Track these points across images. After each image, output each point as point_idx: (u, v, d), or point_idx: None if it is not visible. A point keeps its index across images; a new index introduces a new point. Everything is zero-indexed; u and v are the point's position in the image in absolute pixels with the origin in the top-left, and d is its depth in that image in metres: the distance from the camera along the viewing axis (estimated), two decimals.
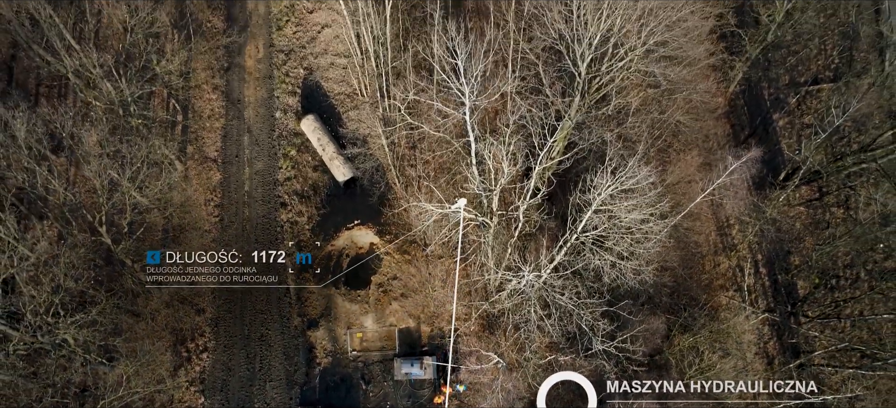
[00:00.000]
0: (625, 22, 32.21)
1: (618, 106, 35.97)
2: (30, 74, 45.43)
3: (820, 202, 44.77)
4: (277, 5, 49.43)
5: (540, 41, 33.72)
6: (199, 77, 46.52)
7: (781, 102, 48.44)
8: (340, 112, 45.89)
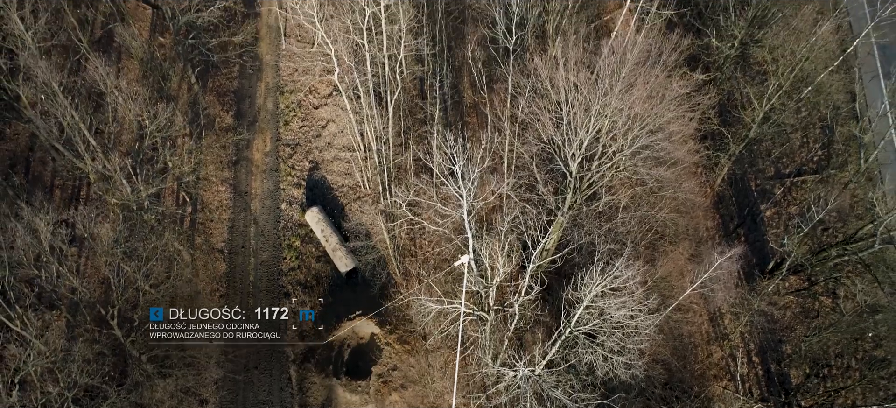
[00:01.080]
0: (612, 125, 35.22)
1: (608, 203, 38.62)
2: (46, 166, 48.49)
3: (808, 292, 46.80)
4: (285, 100, 52.91)
5: (532, 145, 36.64)
6: (208, 169, 49.42)
7: (768, 193, 51.22)
8: (344, 204, 48.55)
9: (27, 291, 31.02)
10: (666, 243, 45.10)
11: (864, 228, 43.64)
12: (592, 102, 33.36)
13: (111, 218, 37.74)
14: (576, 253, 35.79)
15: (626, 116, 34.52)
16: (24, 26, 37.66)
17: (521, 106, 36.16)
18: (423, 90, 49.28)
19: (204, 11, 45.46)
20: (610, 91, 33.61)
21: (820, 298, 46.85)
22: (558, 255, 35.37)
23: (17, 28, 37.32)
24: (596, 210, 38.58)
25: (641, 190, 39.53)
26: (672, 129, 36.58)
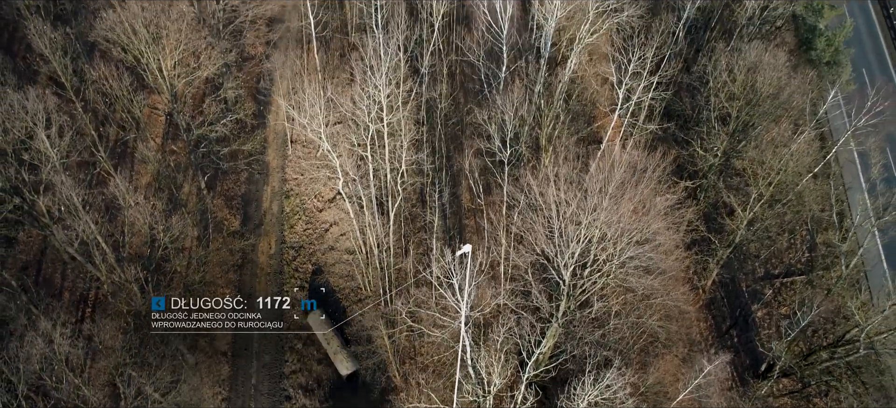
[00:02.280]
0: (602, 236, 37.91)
1: (600, 309, 40.84)
2: (57, 269, 50.95)
3: (801, 394, 48.33)
4: (290, 204, 55.92)
5: (527, 256, 39.25)
6: (214, 272, 51.82)
7: (758, 294, 53.51)
8: (345, 306, 50.72)
9: (42, 405, 32.79)
10: (659, 347, 46.97)
11: (851, 333, 45.70)
12: (582, 217, 36.18)
13: (122, 326, 39.87)
14: (570, 361, 37.75)
15: (614, 230, 37.25)
16: (49, 143, 40.96)
17: (516, 220, 38.98)
18: (423, 198, 52.35)
19: (217, 125, 49.01)
20: (599, 206, 36.49)
21: (813, 400, 48.33)
22: (552, 364, 37.32)
23: (44, 146, 40.58)
24: (589, 316, 40.75)
25: (632, 297, 41.81)
26: (659, 240, 39.27)
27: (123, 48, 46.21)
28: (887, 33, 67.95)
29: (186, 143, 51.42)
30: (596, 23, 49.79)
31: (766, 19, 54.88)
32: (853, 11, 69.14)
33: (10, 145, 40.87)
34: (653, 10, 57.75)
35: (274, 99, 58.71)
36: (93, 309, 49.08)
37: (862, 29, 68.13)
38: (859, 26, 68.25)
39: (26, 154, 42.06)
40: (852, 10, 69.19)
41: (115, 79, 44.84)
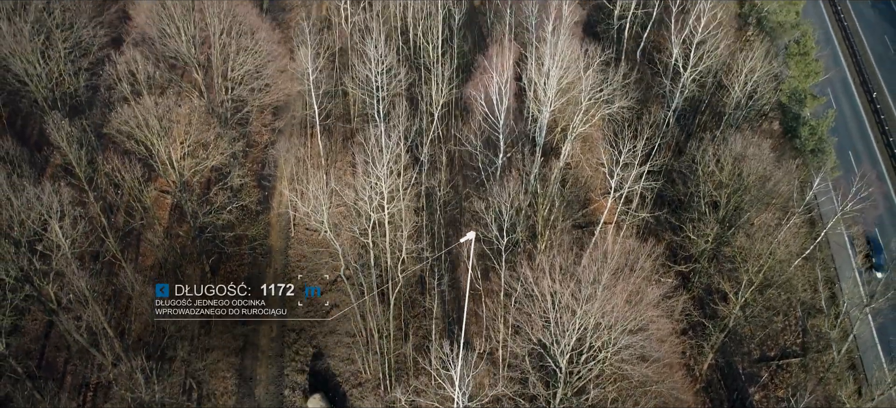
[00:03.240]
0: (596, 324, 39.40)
1: (596, 397, 41.93)
2: (60, 353, 52.09)
3: None
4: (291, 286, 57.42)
5: (524, 345, 40.68)
6: (216, 355, 52.91)
7: (755, 376, 54.46)
8: (345, 390, 51.63)
9: None
10: None
11: None
12: (576, 308, 37.78)
13: None
14: None
15: (608, 319, 38.79)
16: (62, 234, 42.91)
17: (512, 312, 40.56)
18: (423, 284, 54.02)
19: (223, 212, 51.10)
20: (592, 296, 38.15)
21: None
22: None
23: (57, 237, 42.52)
24: (586, 404, 41.81)
25: (628, 384, 42.96)
26: (653, 329, 40.77)
27: (136, 140, 48.76)
28: (872, 117, 70.98)
29: (192, 227, 53.41)
30: (589, 112, 52.62)
31: (752, 107, 57.73)
32: (838, 97, 72.44)
33: (25, 237, 42.79)
34: (643, 101, 60.89)
35: (278, 185, 61.05)
36: (94, 394, 50.05)
37: (847, 113, 71.23)
38: (845, 111, 71.40)
39: (40, 244, 43.98)
40: (837, 96, 72.49)
41: (127, 170, 47.14)
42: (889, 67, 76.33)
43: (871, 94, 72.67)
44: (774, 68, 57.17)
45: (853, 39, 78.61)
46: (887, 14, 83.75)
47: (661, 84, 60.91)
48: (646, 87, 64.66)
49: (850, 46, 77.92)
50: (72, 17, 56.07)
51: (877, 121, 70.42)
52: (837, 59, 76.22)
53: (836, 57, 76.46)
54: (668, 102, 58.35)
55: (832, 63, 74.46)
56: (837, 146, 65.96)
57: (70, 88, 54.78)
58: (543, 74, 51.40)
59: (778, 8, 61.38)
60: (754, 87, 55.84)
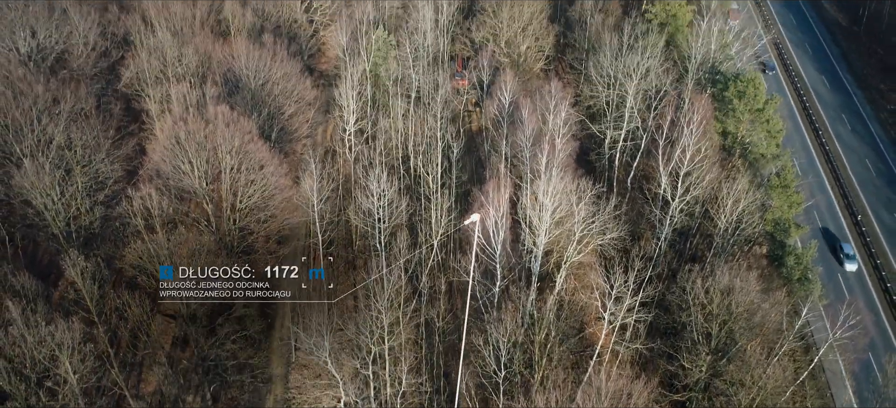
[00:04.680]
0: None
1: None
2: None
3: None
4: None
5: None
6: None
7: None
8: None
9: None
10: None
11: None
12: None
13: None
14: None
15: None
16: (72, 369, 44.53)
17: None
18: None
19: (227, 342, 52.83)
20: None
21: None
22: None
23: (68, 374, 44.14)
24: None
25: None
26: None
27: (147, 274, 51.16)
28: (858, 239, 73.76)
29: (195, 355, 54.91)
30: (582, 243, 55.31)
31: (740, 235, 60.48)
32: (824, 220, 75.53)
33: (35, 374, 44.42)
34: (634, 230, 63.90)
35: (281, 312, 63.02)
36: None
37: (835, 235, 74.06)
38: (831, 232, 74.30)
39: (48, 380, 45.52)
40: (823, 220, 75.59)
41: (137, 304, 49.28)
42: (871, 190, 79.92)
43: (855, 217, 75.77)
44: (758, 199, 60.37)
45: (836, 163, 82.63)
46: (866, 137, 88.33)
47: (651, 212, 64.03)
48: (637, 214, 67.84)
49: (834, 170, 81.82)
50: (90, 153, 59.77)
51: (863, 243, 73.14)
52: (822, 185, 79.95)
53: (821, 182, 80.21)
54: (658, 232, 61.21)
55: (817, 189, 78.16)
56: (826, 270, 68.50)
57: (85, 221, 57.72)
58: (538, 208, 54.49)
59: (758, 141, 65.37)
60: (740, 216, 58.82)
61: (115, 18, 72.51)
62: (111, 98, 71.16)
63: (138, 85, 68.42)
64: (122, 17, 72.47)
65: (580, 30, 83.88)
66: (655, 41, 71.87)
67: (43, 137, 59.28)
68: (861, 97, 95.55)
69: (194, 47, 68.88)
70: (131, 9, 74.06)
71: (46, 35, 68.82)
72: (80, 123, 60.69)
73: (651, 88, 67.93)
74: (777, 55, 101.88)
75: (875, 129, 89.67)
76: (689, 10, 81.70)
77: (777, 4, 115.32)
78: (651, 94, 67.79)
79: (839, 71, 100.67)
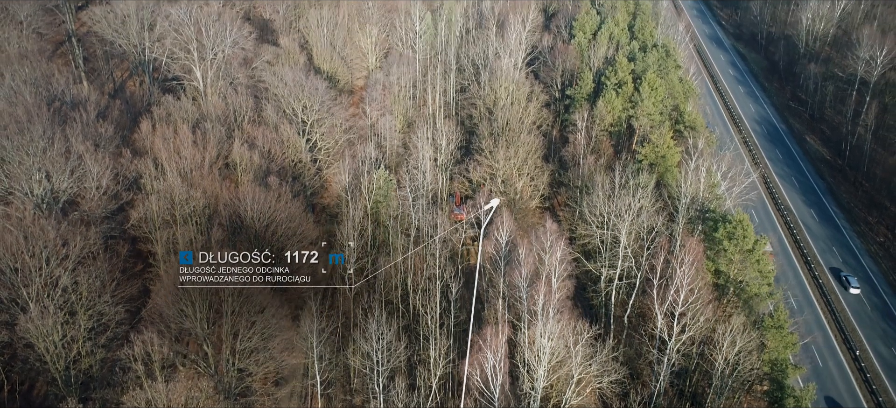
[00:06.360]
0: None
1: None
2: None
3: None
4: None
5: None
6: None
7: None
8: None
9: None
10: None
11: None
12: None
13: None
14: None
15: None
16: None
17: None
18: None
19: None
20: None
21: None
22: None
23: None
24: None
25: None
26: None
27: None
28: (858, 375, 73.63)
29: None
30: (580, 385, 55.50)
31: (738, 376, 60.63)
32: (823, 357, 75.69)
33: None
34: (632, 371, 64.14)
35: None
36: None
37: (834, 373, 73.94)
38: (831, 371, 74.21)
39: None
40: (822, 357, 75.76)
41: None
42: (867, 324, 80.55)
43: (854, 353, 75.95)
44: (755, 339, 61.00)
45: (830, 298, 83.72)
46: (859, 271, 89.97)
47: (649, 351, 64.46)
48: (635, 353, 68.23)
49: (828, 305, 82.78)
50: (95, 296, 60.95)
51: (863, 379, 72.96)
52: (819, 320, 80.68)
53: (818, 318, 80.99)
54: (656, 372, 61.41)
55: (814, 325, 78.85)
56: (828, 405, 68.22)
57: (85, 364, 58.08)
58: (535, 352, 55.12)
59: (751, 281, 66.81)
60: (737, 357, 59.23)
61: (128, 162, 75.74)
62: (119, 239, 73.17)
63: (146, 226, 70.59)
64: (134, 161, 75.70)
65: (574, 169, 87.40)
66: (646, 182, 74.86)
67: (50, 280, 60.64)
68: (850, 230, 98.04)
69: (202, 190, 71.66)
70: (144, 152, 77.50)
71: (61, 179, 71.75)
72: (87, 265, 62.21)
73: (643, 228, 70.13)
74: (766, 189, 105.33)
75: (866, 262, 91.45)
76: (678, 150, 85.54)
77: (762, 140, 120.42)
78: (643, 234, 69.92)
79: (827, 204, 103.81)
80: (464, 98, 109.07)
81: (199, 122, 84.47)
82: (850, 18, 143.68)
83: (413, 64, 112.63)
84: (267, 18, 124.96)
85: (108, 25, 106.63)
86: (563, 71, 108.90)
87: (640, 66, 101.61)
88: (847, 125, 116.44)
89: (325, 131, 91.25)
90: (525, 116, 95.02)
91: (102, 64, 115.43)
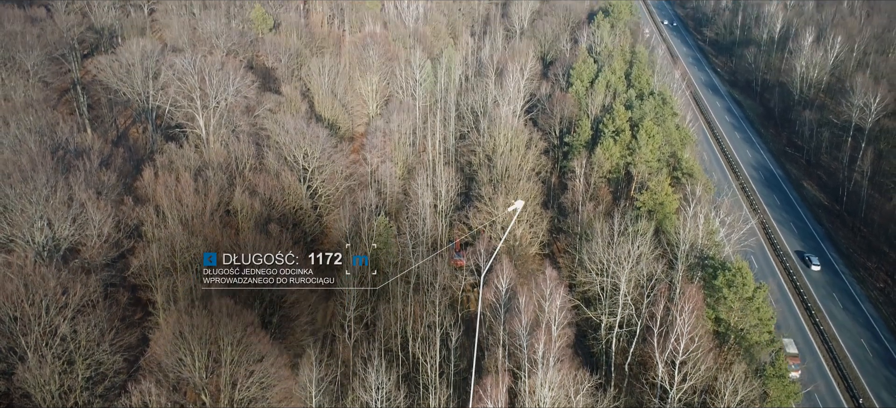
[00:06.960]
0: None
1: None
2: None
3: None
4: None
5: None
6: None
7: None
8: None
9: None
10: None
11: None
12: None
13: None
14: None
15: None
16: None
17: None
18: None
19: None
20: None
21: None
22: None
23: None
24: None
25: None
26: None
27: None
28: None
29: None
30: None
31: None
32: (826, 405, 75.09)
33: None
34: None
35: None
36: None
37: None
38: None
39: None
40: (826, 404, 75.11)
41: None
42: (870, 371, 79.99)
43: (857, 401, 75.28)
44: (757, 387, 60.58)
45: (832, 344, 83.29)
46: (859, 317, 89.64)
47: (650, 401, 63.92)
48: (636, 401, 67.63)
49: (830, 351, 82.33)
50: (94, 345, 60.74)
51: None
52: (820, 367, 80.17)
53: (819, 364, 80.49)
54: None
55: (817, 372, 78.34)
56: None
57: None
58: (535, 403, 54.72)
59: (751, 328, 66.68)
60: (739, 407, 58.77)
61: (130, 209, 76.20)
62: (119, 287, 73.18)
63: (146, 274, 70.68)
64: (136, 208, 76.17)
65: (573, 215, 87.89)
66: (645, 229, 75.23)
67: (49, 329, 60.50)
68: (849, 276, 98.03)
69: (203, 237, 71.96)
70: (146, 199, 78.03)
71: (63, 227, 72.12)
72: (86, 314, 62.13)
73: (643, 275, 70.23)
74: (765, 235, 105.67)
75: (867, 308, 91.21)
76: (676, 197, 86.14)
77: (760, 185, 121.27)
78: (643, 281, 70.00)
79: (825, 250, 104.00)
80: (463, 145, 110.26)
81: (201, 169, 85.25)
82: (843, 66, 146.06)
83: (413, 111, 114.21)
84: (269, 67, 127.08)
85: (113, 74, 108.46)
86: (561, 118, 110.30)
87: (638, 114, 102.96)
88: (843, 171, 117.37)
89: (326, 178, 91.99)
90: (524, 162, 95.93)
91: (106, 111, 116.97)
